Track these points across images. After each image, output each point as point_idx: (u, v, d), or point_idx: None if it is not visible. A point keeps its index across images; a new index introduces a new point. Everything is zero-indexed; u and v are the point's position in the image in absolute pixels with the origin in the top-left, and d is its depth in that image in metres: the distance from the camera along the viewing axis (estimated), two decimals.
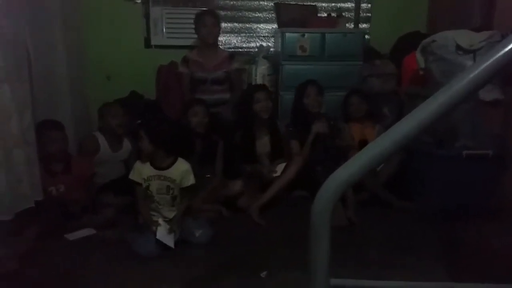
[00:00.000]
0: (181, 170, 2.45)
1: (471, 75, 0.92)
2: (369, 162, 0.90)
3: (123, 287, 1.98)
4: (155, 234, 2.26)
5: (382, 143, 0.92)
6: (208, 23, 3.23)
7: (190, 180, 2.47)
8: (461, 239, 2.46)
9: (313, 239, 0.92)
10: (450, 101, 0.91)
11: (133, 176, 2.41)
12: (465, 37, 2.75)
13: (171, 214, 2.41)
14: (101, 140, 2.87)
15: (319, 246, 0.91)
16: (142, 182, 2.39)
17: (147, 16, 3.81)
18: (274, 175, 2.91)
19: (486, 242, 2.40)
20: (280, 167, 2.94)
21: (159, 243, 2.24)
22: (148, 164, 2.41)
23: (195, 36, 3.40)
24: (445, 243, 2.41)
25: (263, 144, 3.06)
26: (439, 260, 2.19)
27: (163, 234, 2.26)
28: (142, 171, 2.40)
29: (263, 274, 2.02)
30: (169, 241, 2.26)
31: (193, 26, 3.33)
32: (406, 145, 0.90)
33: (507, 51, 0.88)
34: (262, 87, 3.18)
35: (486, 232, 2.50)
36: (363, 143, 3.10)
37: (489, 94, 2.64)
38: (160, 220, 2.31)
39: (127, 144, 2.98)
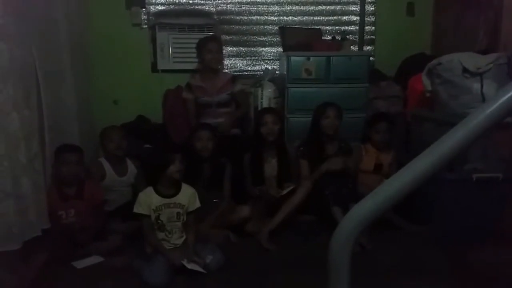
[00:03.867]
0: (189, 194, 2.45)
1: (492, 108, 0.90)
2: (388, 198, 0.88)
3: None
4: (171, 263, 2.24)
5: (401, 179, 0.90)
6: (213, 49, 3.24)
7: (196, 203, 2.48)
8: (472, 264, 2.42)
9: (332, 279, 0.89)
10: (471, 135, 0.88)
11: (139, 209, 2.37)
12: (471, 60, 2.75)
13: (180, 241, 2.39)
14: (106, 165, 2.86)
15: (338, 285, 0.89)
16: (151, 213, 2.37)
17: (153, 41, 3.85)
18: (280, 194, 2.88)
19: (497, 268, 2.36)
20: (288, 189, 2.92)
21: (167, 272, 2.21)
22: (154, 193, 2.39)
23: None
24: (457, 268, 2.37)
25: (271, 167, 3.05)
26: (452, 286, 2.15)
27: (190, 264, 2.23)
28: (150, 201, 2.37)
29: None
30: (198, 268, 2.24)
31: None
32: (425, 181, 0.89)
33: None
34: (270, 110, 3.18)
35: (497, 257, 2.46)
36: (378, 167, 3.07)
37: None
38: (185, 262, 2.25)
39: (131, 168, 2.96)
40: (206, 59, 3.25)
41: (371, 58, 3.89)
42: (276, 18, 4.03)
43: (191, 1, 3.92)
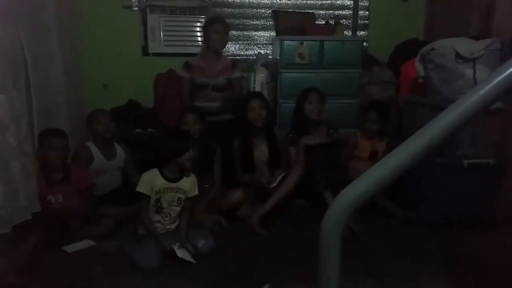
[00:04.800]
0: (190, 181, 2.45)
1: (482, 91, 0.90)
2: (380, 180, 0.88)
3: None
4: (162, 248, 2.24)
5: (391, 161, 0.90)
6: (219, 30, 3.22)
7: (195, 190, 2.48)
8: (462, 249, 2.45)
9: (322, 257, 0.90)
10: (462, 117, 0.88)
11: (141, 188, 2.34)
12: (464, 45, 2.74)
13: (173, 226, 2.39)
14: (94, 149, 2.82)
15: (329, 267, 0.89)
16: (153, 194, 2.35)
17: (144, 23, 3.79)
18: (272, 185, 2.89)
19: (487, 252, 2.39)
20: (279, 178, 2.92)
21: (159, 255, 2.21)
22: (159, 175, 2.38)
23: (193, 44, 3.38)
24: (448, 253, 2.39)
25: (261, 152, 3.04)
26: (441, 270, 2.18)
27: (181, 252, 2.22)
28: (154, 183, 2.35)
29: (266, 287, 1.99)
30: (189, 257, 2.23)
31: (190, 33, 3.30)
32: (417, 163, 0.88)
33: None
34: (257, 95, 3.16)
35: (487, 243, 2.49)
36: (373, 154, 3.08)
37: None
38: (176, 247, 2.24)
39: (120, 152, 2.93)
40: (211, 39, 3.22)
41: (364, 43, 3.87)
42: (269, 1, 3.98)
43: None
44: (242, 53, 4.02)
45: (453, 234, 2.57)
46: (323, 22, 3.86)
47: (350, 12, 4.05)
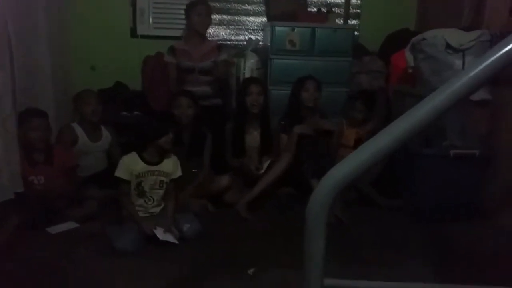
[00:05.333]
0: (172, 163, 2.43)
1: (470, 75, 0.89)
2: (366, 160, 0.88)
3: (106, 284, 1.93)
4: (143, 231, 2.22)
5: (379, 141, 0.90)
6: (202, 13, 3.17)
7: (178, 171, 2.46)
8: (448, 238, 2.47)
9: (307, 238, 0.89)
10: (448, 101, 0.88)
11: (120, 173, 2.32)
12: (455, 36, 2.75)
13: (157, 209, 2.37)
14: (79, 130, 2.78)
15: (314, 246, 0.89)
16: (132, 179, 2.33)
17: (133, 5, 3.72)
18: (260, 172, 2.89)
19: (472, 242, 2.42)
20: (266, 164, 2.92)
21: (140, 239, 2.20)
22: (139, 159, 2.35)
23: (183, 26, 3.33)
24: (432, 243, 2.42)
25: (253, 138, 3.03)
26: (426, 259, 2.20)
27: (163, 234, 2.22)
28: (134, 167, 2.33)
29: (251, 271, 1.99)
30: (172, 238, 2.23)
31: (181, 16, 3.25)
32: (403, 143, 0.89)
33: (507, 52, 0.86)
34: (256, 80, 3.14)
35: (472, 232, 2.52)
36: (358, 142, 3.09)
37: (477, 94, 2.65)
38: (157, 231, 2.24)
39: (106, 134, 2.90)
40: (193, 22, 3.18)
41: (355, 33, 3.85)
42: None
43: None
44: (232, 38, 3.96)
45: (439, 223, 2.60)
46: (315, 9, 3.83)
47: (342, 0, 4.02)
